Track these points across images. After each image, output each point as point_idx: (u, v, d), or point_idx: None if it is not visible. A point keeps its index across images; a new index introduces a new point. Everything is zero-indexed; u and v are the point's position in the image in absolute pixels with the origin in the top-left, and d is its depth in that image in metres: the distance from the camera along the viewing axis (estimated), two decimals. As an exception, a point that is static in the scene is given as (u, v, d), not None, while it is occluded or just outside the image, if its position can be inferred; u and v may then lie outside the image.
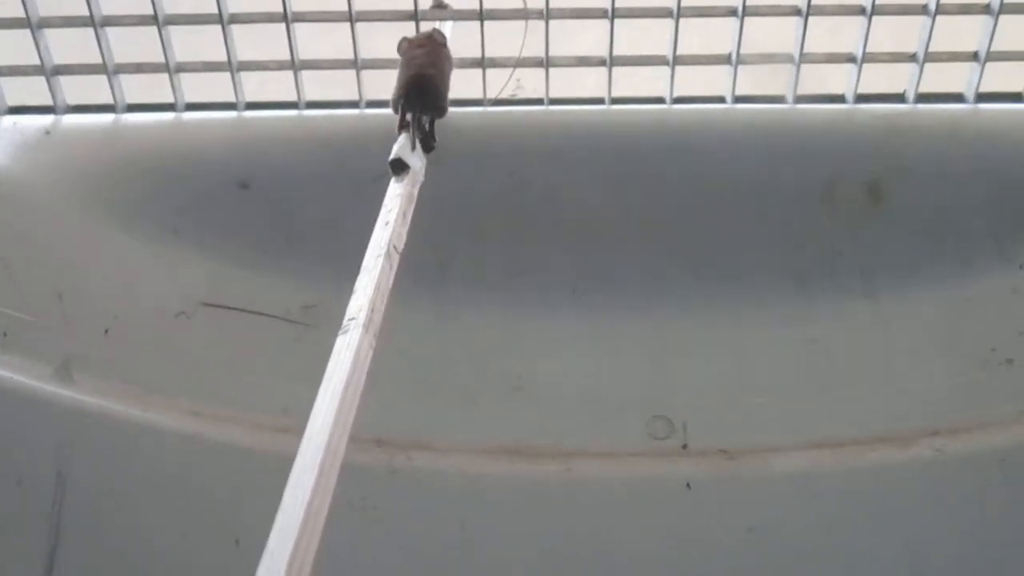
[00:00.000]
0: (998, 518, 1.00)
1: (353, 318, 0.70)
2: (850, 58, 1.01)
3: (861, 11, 0.99)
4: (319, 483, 0.56)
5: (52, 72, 1.01)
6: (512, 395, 1.00)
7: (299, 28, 0.99)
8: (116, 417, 0.97)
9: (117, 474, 0.98)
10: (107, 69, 1.00)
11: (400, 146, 0.89)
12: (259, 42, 1.02)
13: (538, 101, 1.02)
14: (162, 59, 1.00)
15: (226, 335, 1.00)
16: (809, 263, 1.01)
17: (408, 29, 0.99)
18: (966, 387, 1.00)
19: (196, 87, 1.03)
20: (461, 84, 0.99)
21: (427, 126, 0.92)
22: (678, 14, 0.98)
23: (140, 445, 0.98)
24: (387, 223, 0.81)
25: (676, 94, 1.01)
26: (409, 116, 0.91)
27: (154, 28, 0.99)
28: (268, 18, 0.99)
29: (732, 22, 0.99)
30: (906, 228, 1.01)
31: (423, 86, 0.92)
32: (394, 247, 0.78)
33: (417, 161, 0.89)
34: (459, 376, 1.01)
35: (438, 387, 1.01)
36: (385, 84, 1.02)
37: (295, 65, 1.00)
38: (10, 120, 1.02)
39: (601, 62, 1.00)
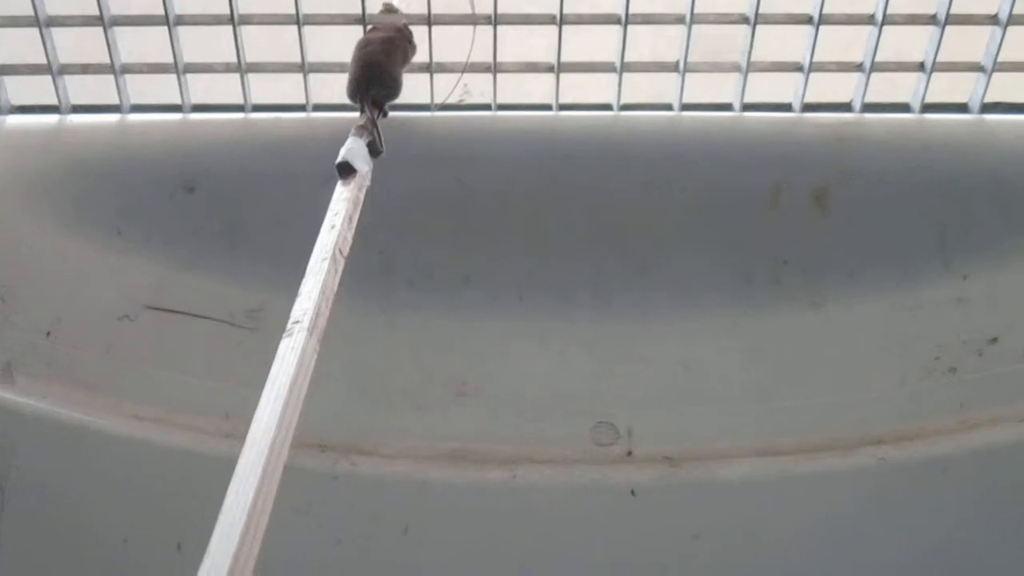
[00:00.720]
0: (939, 526, 1.01)
1: (297, 321, 0.69)
2: (797, 67, 1.01)
3: (808, 20, 1.00)
4: (261, 487, 0.56)
5: (-4, 72, 1.00)
6: (458, 400, 1.00)
7: (246, 31, 0.99)
8: (58, 420, 0.97)
9: (59, 477, 0.98)
10: (52, 70, 1.00)
11: (347, 150, 0.88)
12: (206, 45, 1.02)
13: (486, 106, 1.01)
14: (107, 60, 0.99)
15: (170, 338, 0.99)
16: (755, 271, 1.01)
17: (356, 33, 0.98)
18: (909, 396, 1.01)
19: (142, 89, 1.02)
20: (409, 89, 0.99)
21: (380, 113, 0.93)
22: (626, 21, 0.98)
23: (82, 448, 0.97)
24: (333, 227, 0.81)
25: (624, 101, 1.01)
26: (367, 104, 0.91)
27: (100, 29, 0.98)
28: (215, 20, 0.99)
29: (680, 30, 0.99)
30: (851, 236, 1.01)
31: (372, 72, 0.93)
32: (339, 251, 0.78)
33: (364, 165, 0.88)
34: (404, 381, 1.01)
35: (383, 392, 1.00)
36: (332, 88, 1.02)
37: (242, 68, 1.00)
38: (-46, 120, 1.01)
39: (549, 68, 1.00)
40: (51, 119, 1.01)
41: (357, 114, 0.95)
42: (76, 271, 1.00)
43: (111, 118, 1.01)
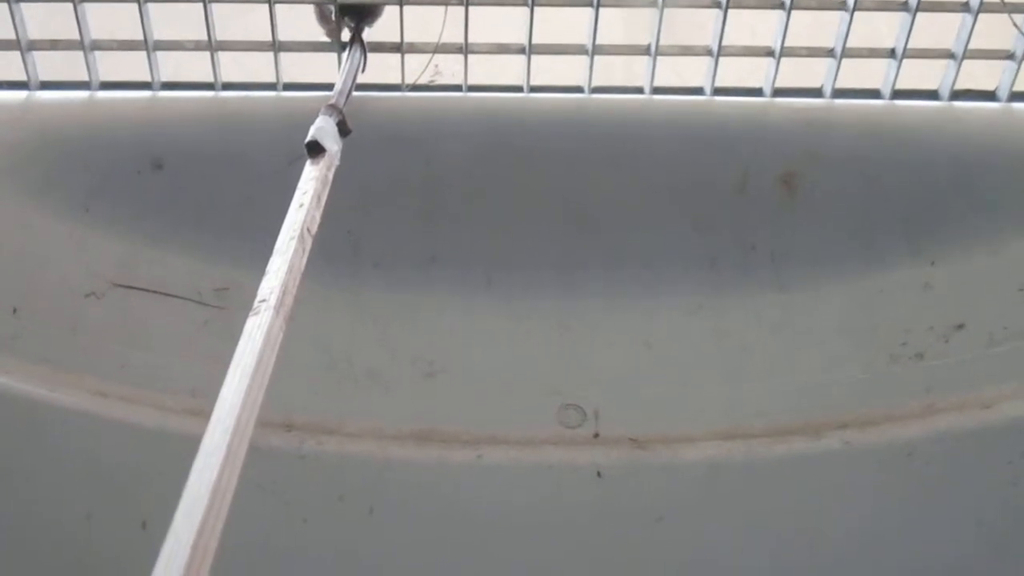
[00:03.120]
0: (905, 510, 1.01)
1: (264, 300, 0.69)
2: (768, 52, 1.01)
3: (780, 5, 1.00)
4: (226, 465, 0.55)
5: (-36, 47, 1.00)
6: (424, 381, 1.00)
7: (216, 8, 0.99)
8: (22, 396, 0.96)
9: (22, 454, 0.97)
10: (20, 45, 0.99)
11: (317, 128, 0.88)
12: (175, 22, 1.01)
13: (456, 87, 1.01)
14: (77, 36, 0.99)
15: (136, 316, 0.99)
16: (721, 253, 1.01)
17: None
18: (876, 380, 1.01)
19: (111, 66, 1.02)
20: (379, 69, 0.99)
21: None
22: (598, 3, 0.98)
23: (47, 425, 0.97)
24: (301, 205, 0.81)
25: (595, 84, 1.01)
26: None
27: (69, 5, 0.98)
28: (185, -3, 0.98)
29: (653, 13, 0.99)
30: (819, 221, 1.02)
31: None
32: (307, 230, 0.78)
33: (333, 144, 0.88)
34: (371, 360, 1.01)
35: (349, 371, 1.00)
36: (303, 67, 1.02)
37: (212, 45, 1.00)
38: (-80, 95, 1.00)
39: (520, 50, 1.00)
40: (19, 95, 1.01)
41: (328, 93, 0.95)
42: (43, 248, 1.00)
43: (80, 95, 1.01)
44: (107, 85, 1.01)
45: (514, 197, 1.01)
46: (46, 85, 1.01)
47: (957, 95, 1.03)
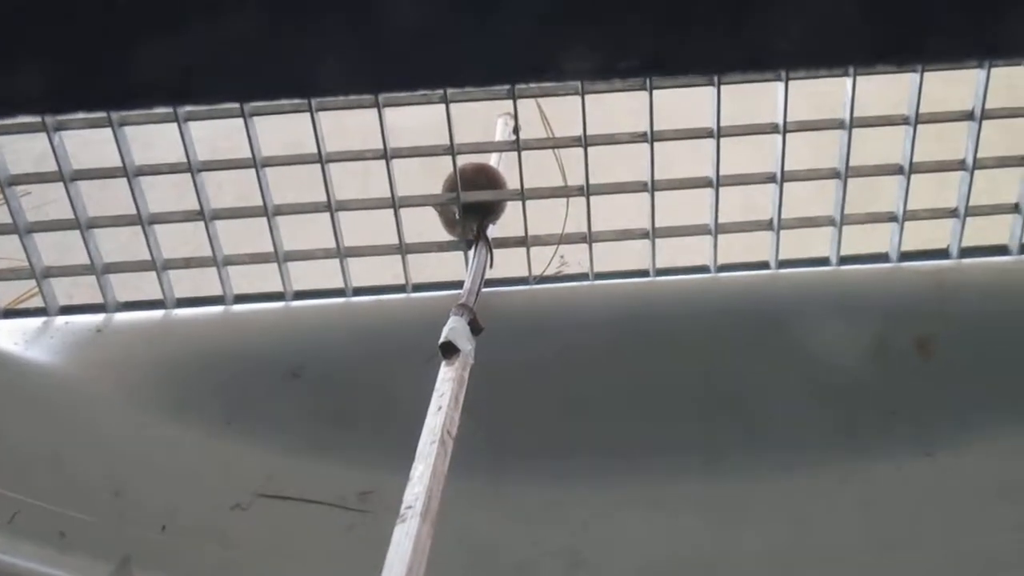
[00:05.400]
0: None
1: (410, 507, 0.70)
2: (892, 217, 1.01)
3: (899, 170, 1.00)
4: None
5: (102, 271, 1.02)
6: (571, 573, 1.00)
7: (342, 216, 1.01)
8: (176, 615, 0.97)
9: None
10: (156, 266, 1.02)
11: (449, 329, 0.89)
12: (297, 231, 1.04)
13: (583, 276, 1.02)
14: (209, 253, 1.01)
15: (283, 525, 1.00)
16: (863, 423, 1.00)
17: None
18: (1033, 541, 0.99)
19: (242, 278, 1.04)
20: (506, 264, 1.01)
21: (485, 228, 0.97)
22: (718, 183, 0.99)
23: (202, 642, 0.98)
24: (440, 408, 0.81)
25: (720, 262, 1.02)
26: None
27: (200, 223, 1.00)
28: (313, 208, 1.00)
29: (771, 188, 1.00)
30: (959, 383, 1.00)
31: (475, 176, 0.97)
32: (447, 432, 0.79)
33: (467, 344, 0.89)
34: (517, 555, 1.00)
35: (496, 567, 1.00)
36: (429, 268, 1.04)
37: (340, 252, 1.01)
38: (62, 320, 1.03)
39: (644, 234, 1.01)
40: (156, 314, 1.03)
41: (457, 291, 0.97)
42: (187, 463, 1.01)
43: (215, 310, 1.03)
44: (241, 298, 1.03)
45: (649, 382, 1.01)
46: (182, 303, 1.04)
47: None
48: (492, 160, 1.04)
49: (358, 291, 1.03)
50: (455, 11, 0.30)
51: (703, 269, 1.02)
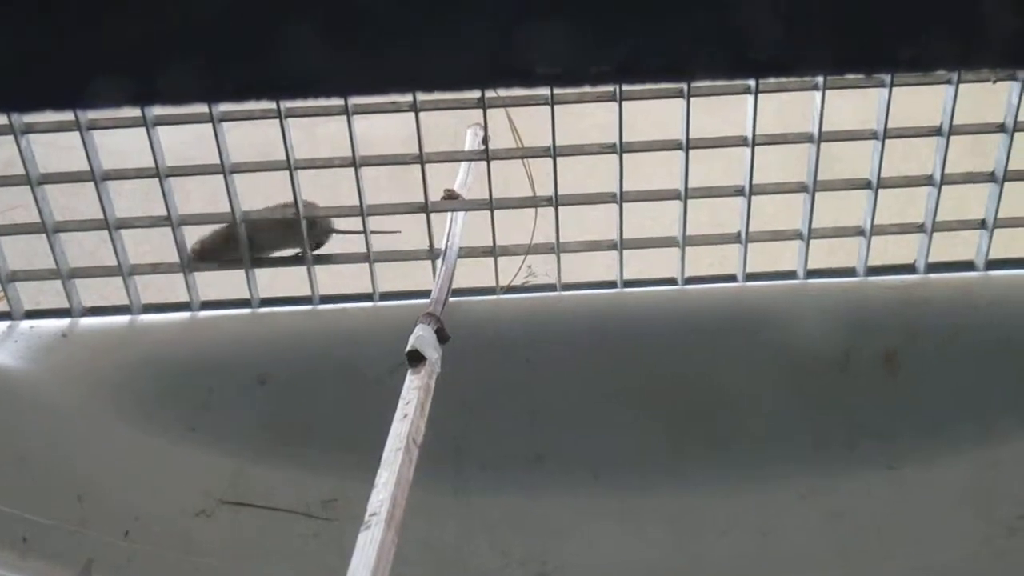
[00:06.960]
0: None
1: (375, 514, 0.70)
2: (859, 231, 1.02)
3: (867, 184, 1.00)
4: None
5: (68, 275, 1.02)
6: (537, 582, 1.00)
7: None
8: (138, 621, 0.97)
9: None
10: (122, 271, 1.01)
11: (416, 337, 0.89)
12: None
13: (551, 287, 1.02)
14: (176, 259, 1.01)
15: (247, 533, 1.00)
16: (829, 436, 1.01)
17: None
18: (995, 555, 0.99)
19: (209, 285, 1.04)
20: (473, 274, 1.00)
21: None
22: (686, 195, 0.99)
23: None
24: (405, 415, 0.81)
25: (687, 274, 1.02)
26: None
27: (168, 229, 1.00)
28: (282, 214, 1.00)
29: (740, 201, 1.00)
30: (925, 397, 1.01)
31: None
32: (413, 440, 0.78)
33: (433, 352, 0.89)
34: (483, 563, 1.00)
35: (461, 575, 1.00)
36: (396, 278, 1.03)
37: (308, 260, 1.01)
38: (27, 324, 1.02)
39: (612, 246, 1.01)
40: (122, 320, 1.03)
41: (424, 300, 0.96)
42: (152, 469, 1.01)
43: (181, 316, 1.03)
44: (207, 305, 1.03)
45: (616, 392, 1.01)
46: (148, 308, 1.03)
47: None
48: (461, 169, 1.04)
49: (325, 299, 1.03)
50: (425, 14, 0.30)
51: (670, 281, 1.02)
